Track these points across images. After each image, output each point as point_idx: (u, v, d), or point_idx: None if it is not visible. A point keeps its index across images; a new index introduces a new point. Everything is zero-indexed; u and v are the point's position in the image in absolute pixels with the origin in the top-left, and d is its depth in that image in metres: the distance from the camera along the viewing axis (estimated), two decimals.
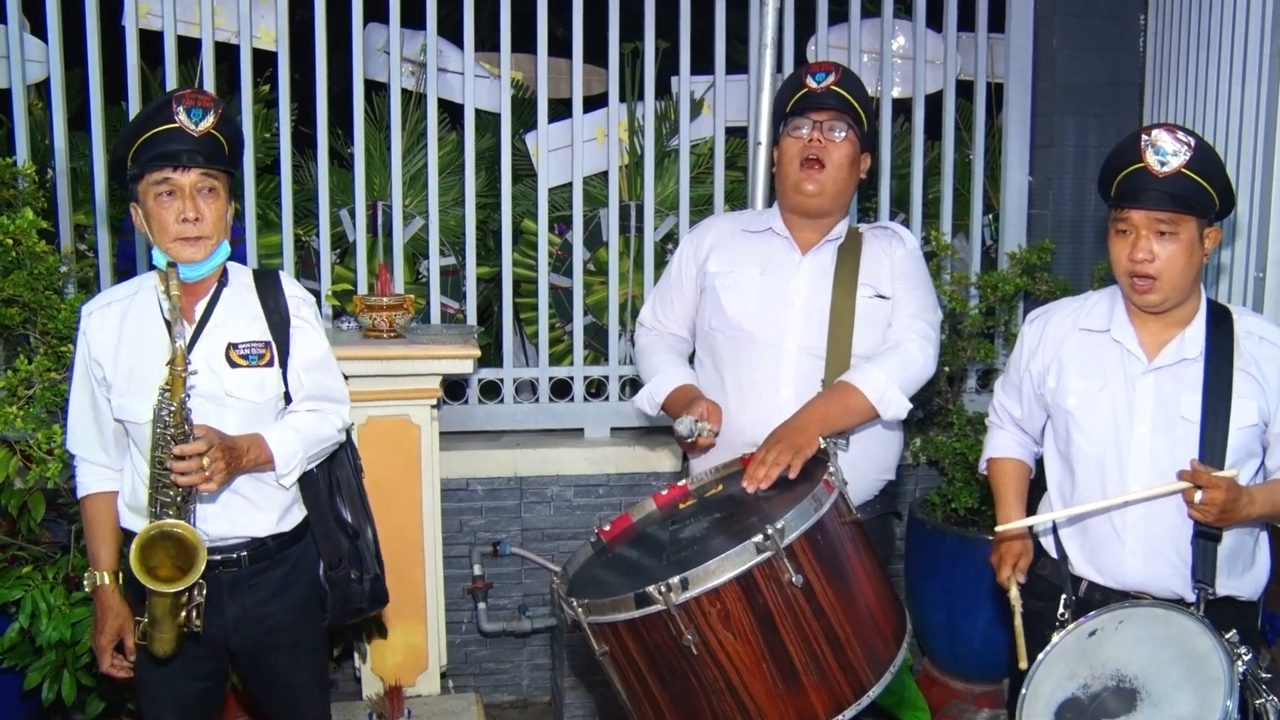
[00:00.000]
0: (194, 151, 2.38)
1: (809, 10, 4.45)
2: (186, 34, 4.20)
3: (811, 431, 2.55)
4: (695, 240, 3.00)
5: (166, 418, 2.30)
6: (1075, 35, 4.44)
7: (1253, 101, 3.65)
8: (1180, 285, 2.38)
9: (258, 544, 2.56)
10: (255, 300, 2.58)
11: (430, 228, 4.32)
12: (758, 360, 2.79)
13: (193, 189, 2.39)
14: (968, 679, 4.11)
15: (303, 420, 2.57)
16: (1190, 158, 2.32)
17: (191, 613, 2.40)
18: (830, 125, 2.77)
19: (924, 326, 2.78)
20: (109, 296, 2.56)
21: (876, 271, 2.81)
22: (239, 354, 2.50)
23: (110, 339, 2.48)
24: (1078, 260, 4.48)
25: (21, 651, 3.12)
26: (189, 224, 2.39)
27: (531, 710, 4.30)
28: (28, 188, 3.59)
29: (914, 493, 4.45)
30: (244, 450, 2.40)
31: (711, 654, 2.09)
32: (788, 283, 2.81)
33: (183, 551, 2.31)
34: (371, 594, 2.83)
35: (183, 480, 2.28)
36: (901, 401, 2.69)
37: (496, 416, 4.37)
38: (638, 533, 2.56)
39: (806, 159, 2.76)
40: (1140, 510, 2.42)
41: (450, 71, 4.67)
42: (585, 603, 2.19)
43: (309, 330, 2.62)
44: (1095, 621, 2.33)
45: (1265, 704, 2.25)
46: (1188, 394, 2.40)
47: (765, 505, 2.37)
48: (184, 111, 2.39)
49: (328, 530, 2.72)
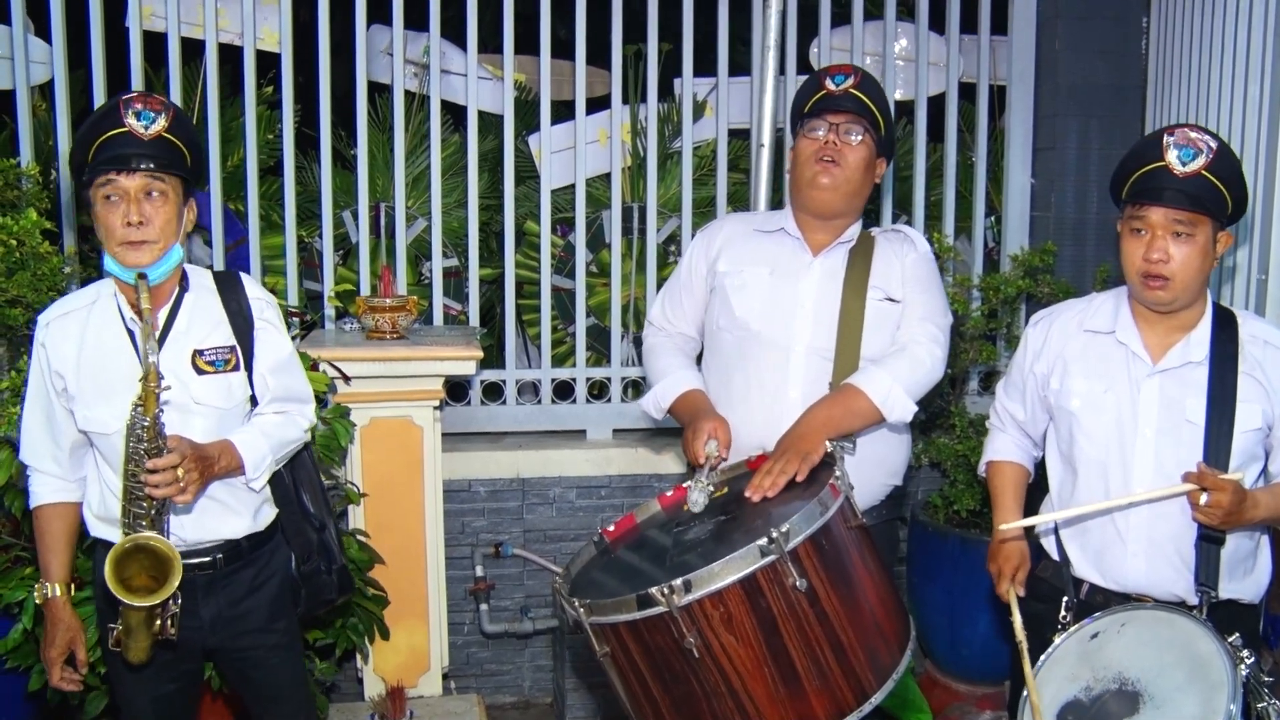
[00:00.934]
0: (141, 155, 2.35)
1: (812, 12, 4.45)
2: (190, 35, 4.20)
3: (817, 437, 2.54)
4: (707, 239, 2.98)
5: (140, 432, 2.28)
6: (1078, 38, 4.44)
7: (1255, 104, 3.65)
8: (1192, 287, 2.38)
9: (231, 545, 2.56)
10: (218, 304, 2.55)
11: (433, 229, 4.33)
12: (765, 361, 2.77)
13: (138, 193, 2.35)
14: (969, 681, 4.11)
15: (270, 423, 2.57)
16: (1212, 159, 2.31)
17: (166, 621, 2.39)
18: (847, 128, 2.75)
19: (933, 330, 2.77)
20: (65, 305, 2.50)
21: (888, 275, 2.80)
22: (205, 360, 2.48)
23: (71, 349, 2.44)
24: (1080, 262, 4.48)
25: (25, 652, 3.12)
26: (132, 228, 2.34)
27: (533, 711, 4.30)
28: (31, 189, 3.60)
29: (916, 495, 4.45)
30: (215, 458, 2.40)
31: (713, 656, 2.09)
32: (797, 284, 2.80)
33: (157, 563, 2.30)
34: (339, 584, 2.84)
35: (157, 493, 2.27)
36: (907, 404, 2.68)
37: (499, 418, 4.37)
38: (641, 534, 2.56)
39: (822, 158, 2.75)
40: (1143, 513, 2.42)
41: (453, 73, 4.67)
42: (587, 603, 2.18)
43: (273, 332, 2.60)
44: (1097, 624, 2.34)
45: (1268, 707, 2.25)
46: (1192, 397, 2.40)
47: (770, 508, 2.37)
48: (133, 115, 2.36)
49: (297, 525, 2.74)
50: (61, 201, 4.03)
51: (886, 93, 2.73)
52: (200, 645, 2.59)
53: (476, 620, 4.22)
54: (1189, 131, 2.34)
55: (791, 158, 2.88)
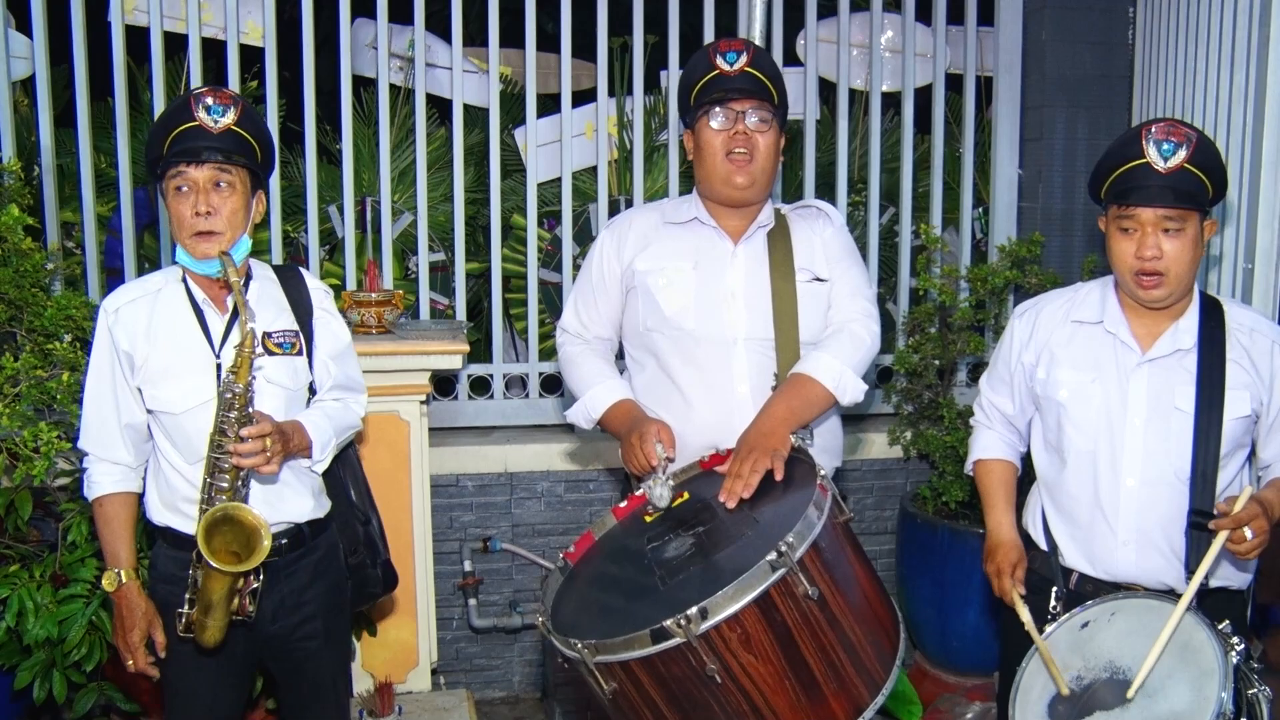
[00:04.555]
0: (211, 147, 2.41)
1: (798, 4, 4.44)
2: (173, 30, 4.17)
3: (781, 432, 2.50)
4: (616, 237, 2.87)
5: (232, 399, 2.32)
6: (1064, 28, 4.44)
7: (1240, 93, 3.66)
8: (1186, 280, 2.39)
9: (295, 530, 2.59)
10: (280, 292, 2.62)
11: (419, 223, 4.31)
12: (707, 359, 2.72)
13: (206, 184, 2.42)
14: (959, 672, 4.11)
15: (333, 408, 2.63)
16: (1192, 152, 2.31)
17: (245, 599, 2.42)
18: (749, 114, 2.68)
19: (865, 304, 2.76)
20: (130, 293, 2.55)
21: (811, 254, 2.77)
22: (274, 342, 2.53)
23: (140, 331, 2.49)
24: (1067, 253, 4.48)
25: (9, 651, 3.10)
26: (200, 218, 2.41)
27: (522, 706, 4.30)
28: (13, 184, 3.57)
29: (904, 486, 4.46)
30: (291, 435, 2.44)
31: (734, 679, 2.03)
32: (724, 274, 2.74)
33: (239, 535, 2.32)
34: (384, 578, 2.91)
35: (246, 462, 2.31)
36: (858, 384, 2.66)
37: (486, 412, 4.36)
38: (608, 553, 2.47)
39: (732, 153, 2.68)
40: (1133, 501, 2.42)
41: (439, 67, 4.66)
42: (591, 643, 2.07)
43: (332, 321, 2.68)
44: (1088, 613, 2.34)
45: (1257, 694, 2.25)
46: (1181, 385, 2.40)
47: (753, 514, 2.32)
48: (203, 109, 2.43)
49: (346, 517, 2.79)
50: (44, 197, 4.00)
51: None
52: (261, 633, 2.58)
53: (465, 615, 4.21)
54: (1166, 125, 2.34)
55: (690, 143, 2.79)
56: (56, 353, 3.09)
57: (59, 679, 3.10)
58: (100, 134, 4.29)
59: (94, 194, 4.07)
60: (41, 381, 3.08)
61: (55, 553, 3.21)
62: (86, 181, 4.04)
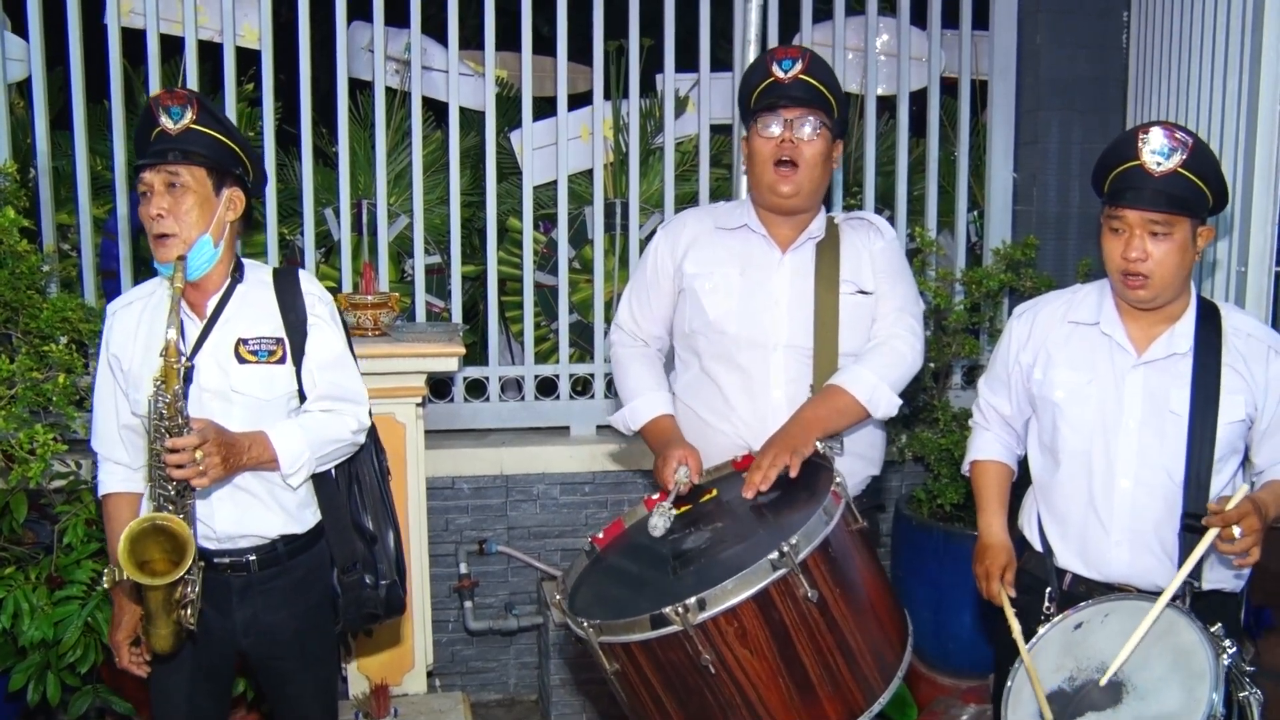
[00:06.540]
0: (166, 149, 2.41)
1: (793, 8, 4.45)
2: (169, 32, 4.18)
3: (806, 435, 2.54)
4: (671, 238, 2.91)
5: (161, 409, 2.30)
6: (1059, 32, 4.45)
7: (1234, 97, 3.67)
8: (1172, 283, 2.38)
9: (267, 547, 2.54)
10: (271, 297, 2.57)
11: (415, 226, 4.32)
12: (746, 363, 2.75)
13: (161, 186, 2.41)
14: (954, 675, 4.11)
15: (313, 419, 2.54)
16: (1187, 157, 2.31)
17: (185, 610, 2.38)
18: (801, 122, 2.69)
19: (910, 321, 2.77)
20: (130, 296, 2.61)
21: (858, 266, 2.78)
22: (248, 349, 2.50)
23: (129, 335, 2.52)
24: (1062, 256, 4.49)
25: (4, 653, 3.10)
26: (153, 221, 2.40)
27: (518, 708, 4.30)
28: (9, 186, 3.57)
29: (900, 489, 4.46)
30: (244, 447, 2.38)
31: (728, 671, 2.08)
32: (769, 282, 2.77)
33: (175, 545, 2.29)
34: (387, 600, 2.76)
35: (176, 474, 2.27)
36: (892, 399, 2.67)
37: (482, 415, 4.36)
38: (634, 540, 2.52)
39: (780, 161, 2.70)
40: (1126, 502, 2.43)
41: (435, 70, 4.66)
42: (597, 623, 2.16)
43: (324, 328, 2.59)
44: (1081, 614, 2.34)
45: (1249, 697, 2.25)
46: (1176, 388, 2.41)
47: (770, 514, 2.36)
48: (164, 112, 2.43)
49: (342, 533, 2.67)
50: (40, 200, 4.00)
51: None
52: (234, 647, 2.59)
53: (461, 618, 4.21)
54: (1163, 129, 2.34)
55: (746, 152, 2.82)
56: (52, 355, 3.09)
57: (54, 681, 3.10)
58: (96, 136, 4.28)
59: (90, 196, 4.07)
60: (37, 384, 3.08)
61: (51, 555, 3.21)
62: (82, 184, 4.04)
